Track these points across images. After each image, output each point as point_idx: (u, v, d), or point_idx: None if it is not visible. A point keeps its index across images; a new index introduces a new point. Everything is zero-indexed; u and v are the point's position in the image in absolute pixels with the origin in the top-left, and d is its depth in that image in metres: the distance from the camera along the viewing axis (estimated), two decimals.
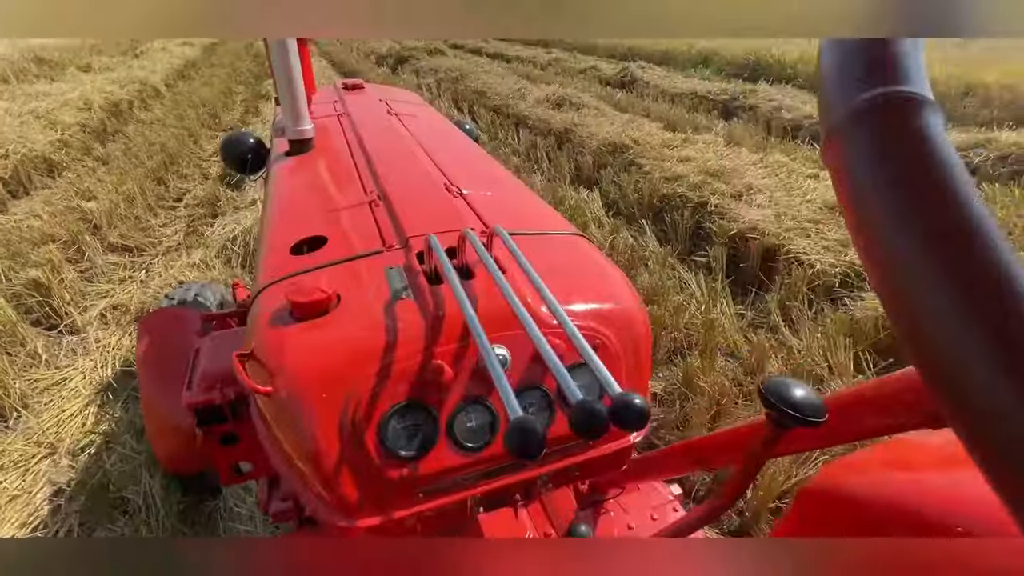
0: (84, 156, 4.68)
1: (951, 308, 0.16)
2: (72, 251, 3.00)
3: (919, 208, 0.17)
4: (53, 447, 1.90)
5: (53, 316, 2.51)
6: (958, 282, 0.16)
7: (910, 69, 0.19)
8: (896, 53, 0.20)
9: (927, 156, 0.18)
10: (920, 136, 0.18)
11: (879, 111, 0.19)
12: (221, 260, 2.85)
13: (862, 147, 0.19)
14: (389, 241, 0.68)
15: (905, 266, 0.18)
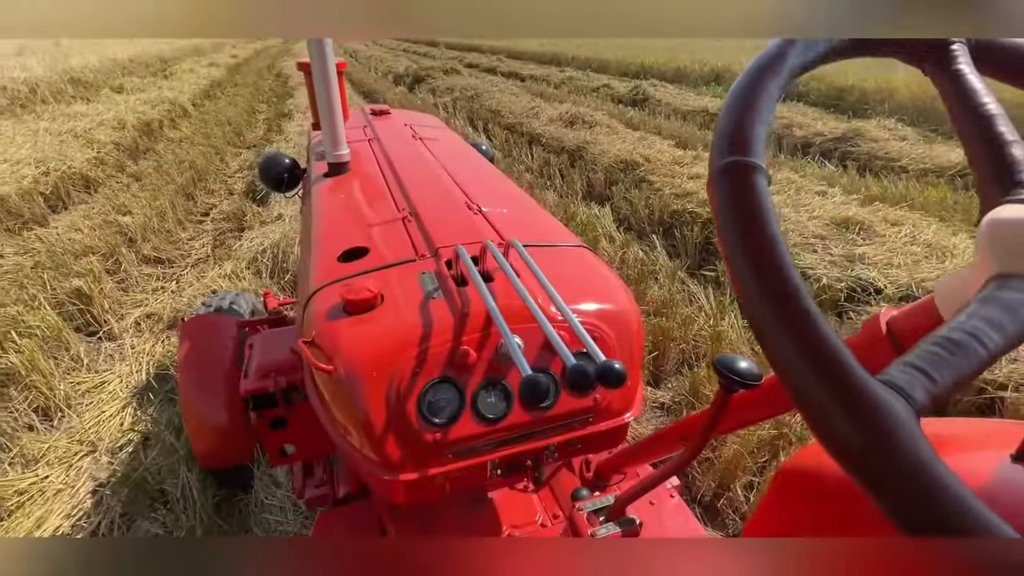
0: (118, 173, 4.93)
1: (762, 312, 0.27)
2: (110, 262, 3.17)
3: (744, 242, 0.28)
4: (94, 445, 2.02)
5: (93, 323, 2.67)
6: (762, 293, 0.27)
7: (753, 144, 0.30)
8: (747, 131, 0.30)
9: (755, 208, 0.28)
10: (751, 193, 0.29)
11: (729, 172, 0.29)
12: (251, 271, 3.00)
13: (719, 195, 0.30)
14: (421, 251, 0.80)
15: (737, 278, 0.29)
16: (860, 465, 0.23)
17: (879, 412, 0.23)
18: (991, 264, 0.30)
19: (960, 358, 0.26)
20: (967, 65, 0.36)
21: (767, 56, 0.33)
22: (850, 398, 0.24)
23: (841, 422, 0.24)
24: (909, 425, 0.23)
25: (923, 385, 0.25)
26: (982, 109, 0.35)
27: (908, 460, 0.23)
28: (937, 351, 0.26)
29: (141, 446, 1.98)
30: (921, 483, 0.22)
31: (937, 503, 0.22)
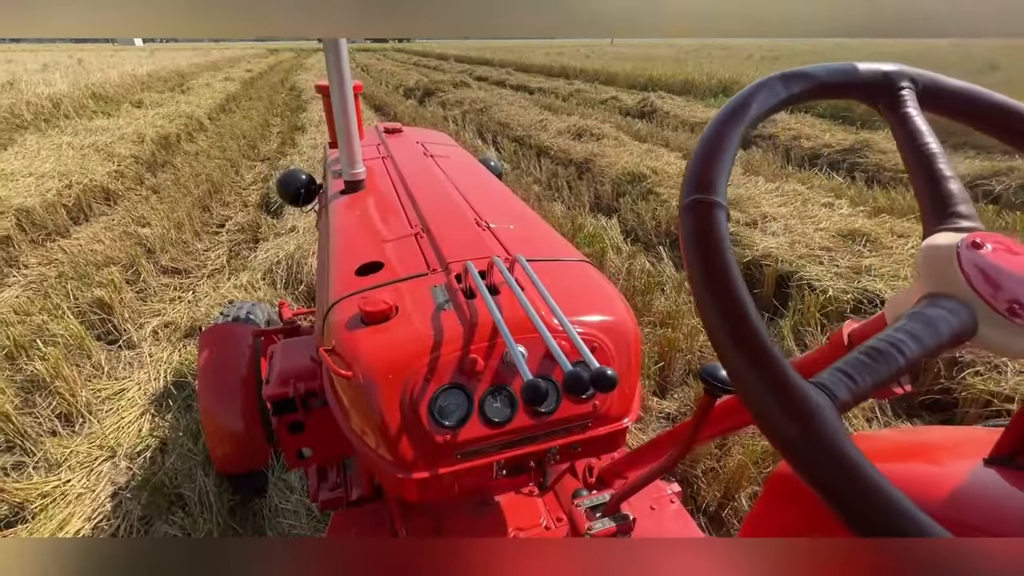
0: (138, 185, 5.07)
1: (717, 327, 0.32)
2: (129, 273, 3.27)
3: (704, 268, 0.33)
4: (113, 451, 2.08)
5: (113, 332, 2.75)
6: (717, 311, 0.32)
7: (715, 183, 0.34)
8: (710, 172, 0.35)
9: (713, 239, 0.33)
10: (711, 226, 0.33)
11: (693, 208, 0.34)
12: (266, 282, 3.08)
13: (685, 227, 0.35)
14: (432, 265, 0.85)
15: (698, 299, 0.34)
16: (790, 448, 0.28)
17: (806, 406, 0.28)
18: (924, 284, 0.35)
19: (881, 364, 0.30)
20: (914, 108, 0.41)
21: (731, 106, 0.38)
22: (785, 396, 0.29)
23: (776, 415, 0.29)
24: (830, 416, 0.28)
25: (846, 385, 0.30)
26: (925, 148, 0.40)
27: (827, 444, 0.27)
28: (862, 358, 0.31)
29: (159, 451, 2.04)
30: (837, 462, 0.27)
31: (848, 476, 0.27)
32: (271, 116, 9.23)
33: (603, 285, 0.83)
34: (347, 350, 0.69)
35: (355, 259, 0.89)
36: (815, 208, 3.78)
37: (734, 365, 0.31)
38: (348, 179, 1.22)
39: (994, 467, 0.56)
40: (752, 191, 4.16)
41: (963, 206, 0.37)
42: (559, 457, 0.76)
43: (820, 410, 0.28)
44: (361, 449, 0.71)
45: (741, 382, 0.31)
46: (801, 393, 0.29)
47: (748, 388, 0.30)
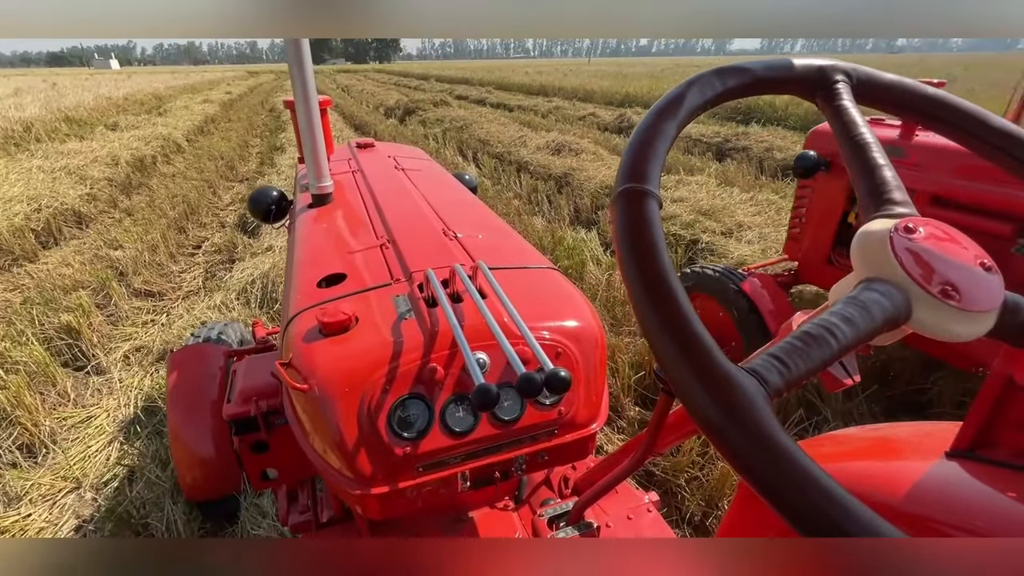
0: (111, 208, 4.98)
1: (646, 313, 0.31)
2: (100, 297, 3.18)
3: (633, 253, 0.33)
4: (79, 481, 2.00)
5: (81, 357, 2.67)
6: (646, 296, 0.31)
7: (648, 173, 0.34)
8: (643, 163, 0.35)
9: (644, 225, 0.33)
10: (642, 213, 0.33)
11: (625, 195, 0.34)
12: (240, 302, 3.02)
13: (616, 214, 0.35)
14: (396, 275, 0.84)
15: (627, 283, 0.33)
16: (719, 436, 0.27)
17: (736, 392, 0.27)
18: (860, 269, 0.35)
19: (813, 348, 0.30)
20: (849, 100, 0.42)
21: (667, 99, 0.38)
22: (714, 382, 0.28)
23: (705, 401, 0.28)
24: (759, 403, 0.27)
25: (778, 371, 0.29)
26: (860, 138, 0.40)
27: (756, 430, 0.26)
28: (795, 343, 0.30)
29: (127, 480, 1.97)
30: (765, 448, 0.26)
31: (778, 464, 0.26)
32: (250, 137, 9.18)
33: (568, 291, 0.83)
34: (304, 363, 0.67)
35: (318, 271, 0.87)
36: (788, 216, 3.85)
37: (662, 351, 0.30)
38: (315, 193, 1.21)
39: (955, 460, 0.56)
40: (727, 201, 4.24)
41: (897, 193, 0.38)
42: (526, 467, 0.74)
43: (749, 396, 0.28)
44: (319, 465, 0.69)
45: (669, 368, 0.30)
46: (729, 378, 0.28)
47: (676, 374, 0.29)
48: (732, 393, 0.28)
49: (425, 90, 17.15)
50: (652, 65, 32.38)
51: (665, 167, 5.74)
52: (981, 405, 0.54)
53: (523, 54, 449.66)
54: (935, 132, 0.44)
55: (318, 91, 1.22)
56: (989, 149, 0.42)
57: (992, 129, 0.41)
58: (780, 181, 5.45)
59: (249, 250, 3.80)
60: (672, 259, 2.62)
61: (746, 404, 0.27)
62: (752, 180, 5.40)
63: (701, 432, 0.29)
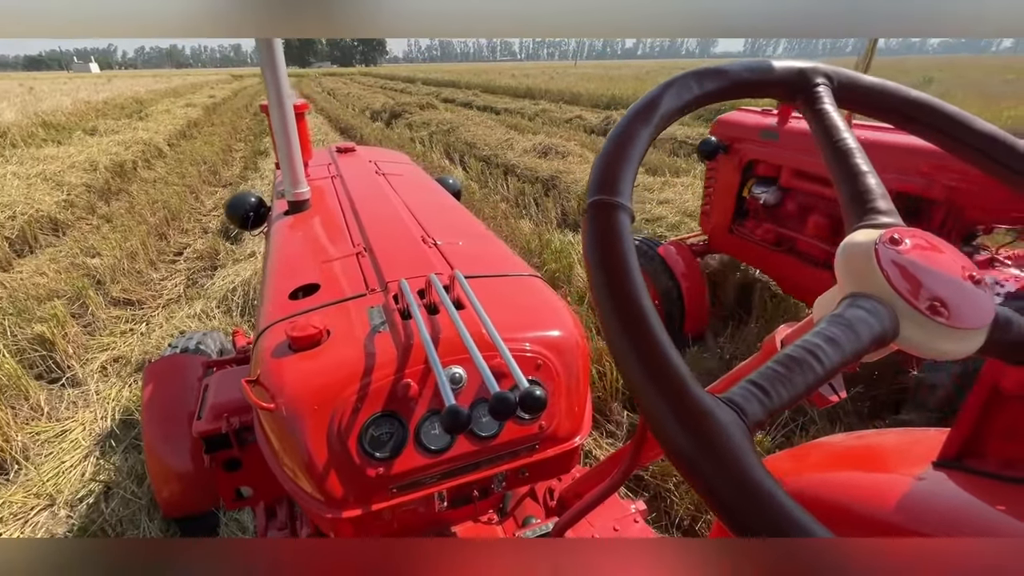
0: (89, 215, 4.87)
1: (615, 333, 0.29)
2: (76, 306, 3.10)
3: (603, 269, 0.31)
4: (52, 498, 1.93)
5: (56, 369, 2.59)
6: (614, 315, 0.29)
7: (619, 185, 0.32)
8: (615, 173, 0.33)
9: (614, 240, 0.31)
10: (612, 227, 0.31)
11: (596, 208, 0.32)
12: (221, 310, 2.96)
13: (587, 227, 0.33)
14: (372, 286, 0.81)
15: (596, 300, 0.31)
16: (695, 473, 0.25)
17: (711, 426, 0.25)
18: (845, 283, 0.33)
19: (796, 374, 0.28)
20: (831, 104, 0.40)
21: (640, 104, 0.36)
22: (688, 413, 0.26)
23: (678, 434, 0.26)
24: (737, 438, 0.25)
25: (759, 400, 0.27)
26: (842, 144, 0.39)
27: (734, 470, 0.24)
28: (777, 368, 0.28)
29: (103, 496, 1.90)
30: (744, 490, 0.24)
31: (759, 509, 0.24)
32: (234, 141, 9.06)
33: (550, 299, 0.81)
34: (271, 380, 0.63)
35: (290, 282, 0.84)
36: None
37: (631, 377, 0.28)
38: (291, 199, 1.18)
39: (943, 470, 0.55)
40: None
41: (881, 201, 0.36)
42: (506, 484, 0.71)
43: (727, 430, 0.25)
44: (289, 488, 0.66)
45: (639, 396, 0.27)
46: (705, 409, 0.26)
47: (646, 403, 0.27)
48: (708, 426, 0.25)
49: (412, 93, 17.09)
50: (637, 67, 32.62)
51: (651, 169, 5.77)
52: (968, 414, 0.53)
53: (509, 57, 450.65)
54: (917, 136, 0.42)
55: (303, 95, 1.19)
56: (972, 152, 0.41)
57: (975, 132, 0.40)
58: None
59: (231, 256, 3.73)
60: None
61: (723, 439, 0.25)
62: None
63: (677, 469, 0.26)
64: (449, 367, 0.65)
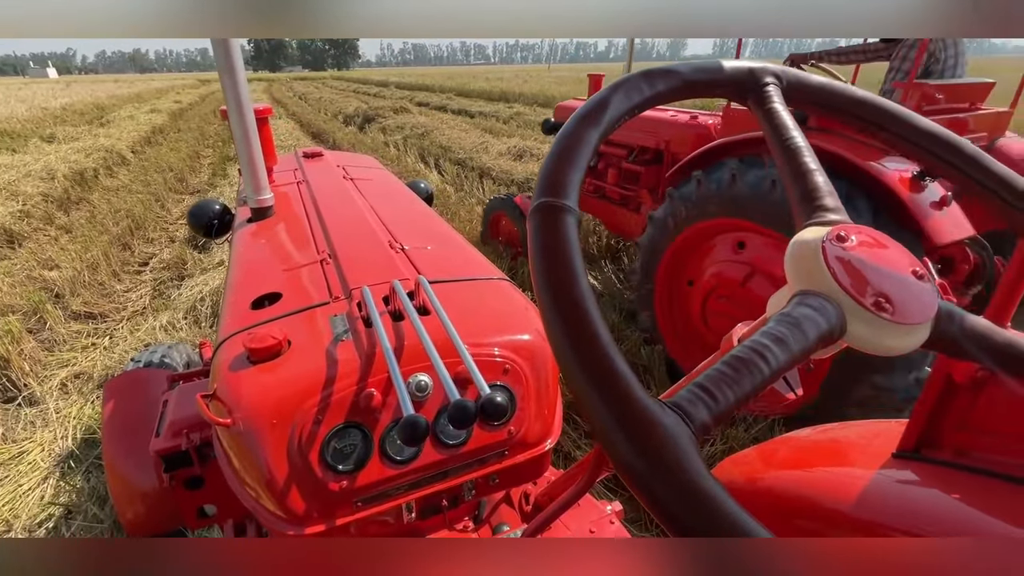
0: (46, 226, 4.67)
1: (558, 336, 0.29)
2: (33, 321, 2.97)
3: (547, 272, 0.30)
4: (8, 524, 1.84)
5: (11, 388, 2.47)
6: (558, 317, 0.29)
7: (566, 187, 0.32)
8: (561, 175, 0.33)
9: (559, 243, 0.31)
10: (558, 230, 0.31)
11: (541, 211, 0.32)
12: (188, 321, 2.87)
13: (531, 230, 0.32)
14: (336, 293, 0.79)
15: (540, 304, 0.30)
16: (639, 482, 0.24)
17: (656, 433, 0.25)
18: (793, 281, 0.33)
19: (743, 375, 0.27)
20: (780, 103, 0.41)
21: (589, 106, 0.36)
22: (631, 419, 0.25)
23: (621, 441, 0.25)
24: (683, 445, 0.25)
25: (705, 405, 0.26)
26: (790, 143, 0.39)
27: (680, 478, 0.24)
28: (724, 370, 0.28)
29: (63, 520, 1.82)
30: (691, 498, 0.23)
31: (705, 515, 0.23)
32: (202, 147, 8.83)
33: (519, 303, 0.80)
34: (228, 394, 0.61)
35: (251, 291, 0.81)
36: None
37: (574, 382, 0.27)
38: (254, 206, 1.14)
39: (901, 460, 0.56)
40: None
41: (829, 199, 0.37)
42: (476, 491, 0.70)
43: (671, 436, 0.25)
44: (250, 505, 0.63)
45: (583, 401, 0.27)
46: (648, 415, 0.25)
47: (589, 408, 0.26)
48: (652, 433, 0.25)
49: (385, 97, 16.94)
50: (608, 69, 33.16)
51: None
52: (923, 405, 0.54)
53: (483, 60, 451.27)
54: (864, 133, 0.43)
55: (274, 99, 1.16)
56: (914, 148, 0.42)
57: (917, 130, 0.41)
58: None
59: (199, 266, 3.63)
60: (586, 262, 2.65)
61: (668, 446, 0.24)
62: None
63: (621, 478, 0.26)
64: (415, 375, 0.63)
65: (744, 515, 0.23)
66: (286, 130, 10.21)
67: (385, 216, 1.14)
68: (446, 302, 0.69)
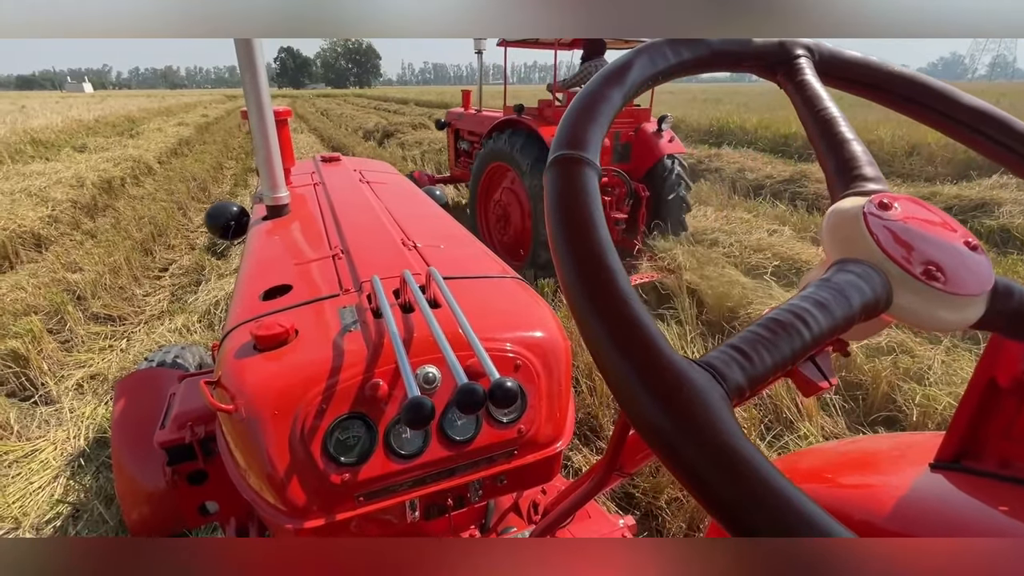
0: (73, 230, 4.79)
1: (578, 293, 0.26)
2: (54, 321, 3.02)
3: (566, 225, 0.28)
4: (17, 521, 1.84)
5: (29, 387, 2.50)
6: (578, 274, 0.26)
7: (586, 141, 0.30)
8: (582, 129, 0.31)
9: (579, 194, 0.29)
10: (577, 181, 0.29)
11: (560, 163, 0.30)
12: (203, 325, 2.90)
13: (549, 182, 0.30)
14: (346, 286, 0.78)
15: (557, 260, 0.28)
16: (665, 445, 0.22)
17: (687, 392, 0.22)
18: (832, 251, 0.31)
19: (782, 339, 0.25)
20: (812, 75, 0.39)
21: (613, 67, 0.34)
22: (659, 379, 0.23)
23: (646, 402, 0.23)
24: (715, 403, 0.22)
25: (740, 366, 0.24)
26: (825, 113, 0.37)
27: (713, 438, 0.21)
28: (760, 332, 0.25)
29: (71, 519, 1.82)
30: (722, 462, 0.21)
31: (738, 480, 0.21)
32: (225, 159, 9.05)
33: (531, 300, 0.78)
34: (232, 380, 0.60)
35: (262, 283, 0.81)
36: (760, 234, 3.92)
37: (594, 339, 0.25)
38: (270, 204, 1.15)
39: (940, 471, 0.52)
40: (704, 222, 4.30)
41: (868, 168, 0.34)
42: (483, 492, 0.67)
43: (702, 395, 0.22)
44: (249, 496, 0.61)
45: (603, 360, 0.24)
46: (677, 373, 0.23)
47: (610, 367, 0.24)
48: (681, 391, 0.22)
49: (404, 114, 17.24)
50: None
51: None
52: (964, 412, 0.50)
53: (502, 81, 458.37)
54: (903, 112, 0.41)
55: (297, 115, 1.17)
56: (960, 128, 0.39)
57: (963, 107, 0.39)
58: (752, 200, 5.56)
59: (216, 271, 3.68)
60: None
61: (698, 403, 0.22)
62: (725, 199, 5.50)
63: (644, 440, 0.23)
64: (423, 367, 0.61)
65: (783, 479, 0.21)
66: (307, 143, 10.43)
67: (399, 216, 1.13)
68: (457, 297, 0.68)
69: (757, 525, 0.20)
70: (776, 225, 4.25)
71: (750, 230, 4.06)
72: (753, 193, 5.90)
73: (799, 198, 5.48)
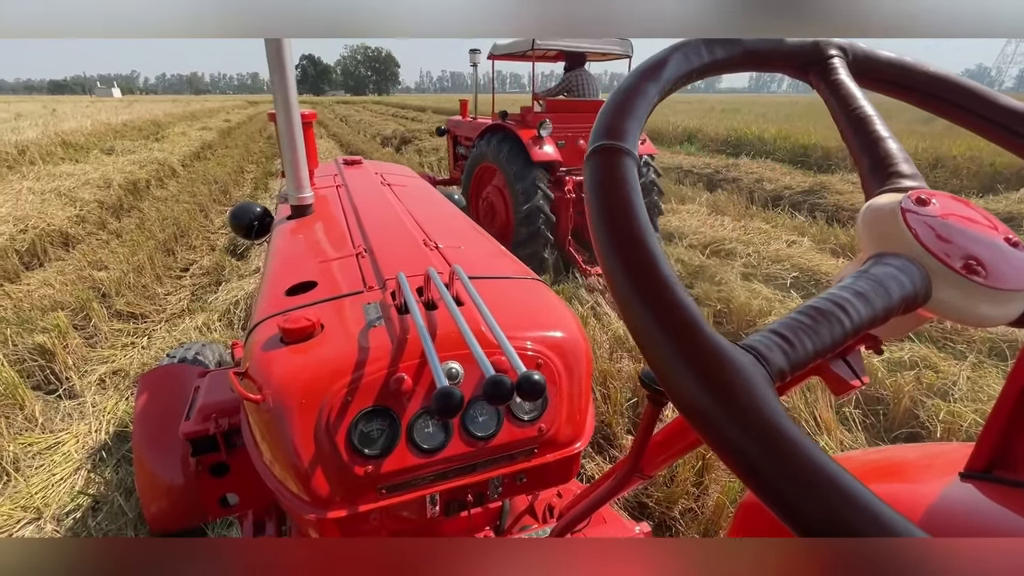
0: (99, 230, 4.93)
1: (620, 279, 0.27)
2: (79, 318, 3.10)
3: (607, 213, 0.28)
4: (39, 511, 1.88)
5: (54, 380, 2.57)
6: (621, 260, 0.27)
7: (624, 132, 0.31)
8: (620, 121, 0.31)
9: (619, 183, 0.29)
10: (617, 170, 0.29)
11: (599, 153, 0.30)
12: (223, 323, 2.95)
13: (589, 172, 0.31)
14: (370, 283, 0.79)
15: (599, 248, 0.29)
16: (709, 424, 0.22)
17: (730, 373, 0.22)
18: (868, 246, 0.31)
19: (822, 326, 0.25)
20: (846, 75, 0.39)
21: (650, 62, 0.35)
22: (701, 358, 0.23)
23: (690, 382, 0.23)
24: (760, 385, 0.22)
25: (782, 349, 0.24)
26: (859, 111, 0.37)
27: (756, 418, 0.21)
28: (801, 319, 0.25)
29: (90, 511, 1.85)
30: (768, 440, 0.21)
31: (783, 458, 0.21)
32: (246, 163, 9.24)
33: (552, 301, 0.78)
34: (260, 372, 0.61)
35: (287, 280, 0.82)
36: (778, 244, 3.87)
37: (637, 322, 0.25)
38: (294, 203, 1.17)
39: (970, 481, 0.51)
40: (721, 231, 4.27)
41: (904, 165, 0.34)
42: (502, 490, 0.67)
43: (746, 375, 0.23)
44: (272, 485, 0.62)
45: (646, 343, 0.25)
46: (720, 354, 0.23)
47: (654, 349, 0.24)
48: (724, 371, 0.23)
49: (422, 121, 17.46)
50: None
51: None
52: (996, 420, 0.49)
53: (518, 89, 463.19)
54: (937, 114, 0.40)
55: (317, 121, 1.20)
56: (998, 130, 0.39)
57: (1001, 109, 0.38)
58: (770, 211, 5.50)
59: (236, 272, 3.75)
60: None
61: (741, 385, 0.22)
62: (743, 209, 5.45)
63: (687, 421, 0.23)
64: (447, 363, 0.62)
65: (827, 458, 0.21)
66: (326, 148, 10.60)
67: (420, 217, 1.15)
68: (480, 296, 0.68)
69: (807, 506, 0.20)
70: (795, 236, 4.20)
71: (768, 240, 4.01)
72: (771, 204, 5.84)
73: (818, 209, 5.41)
